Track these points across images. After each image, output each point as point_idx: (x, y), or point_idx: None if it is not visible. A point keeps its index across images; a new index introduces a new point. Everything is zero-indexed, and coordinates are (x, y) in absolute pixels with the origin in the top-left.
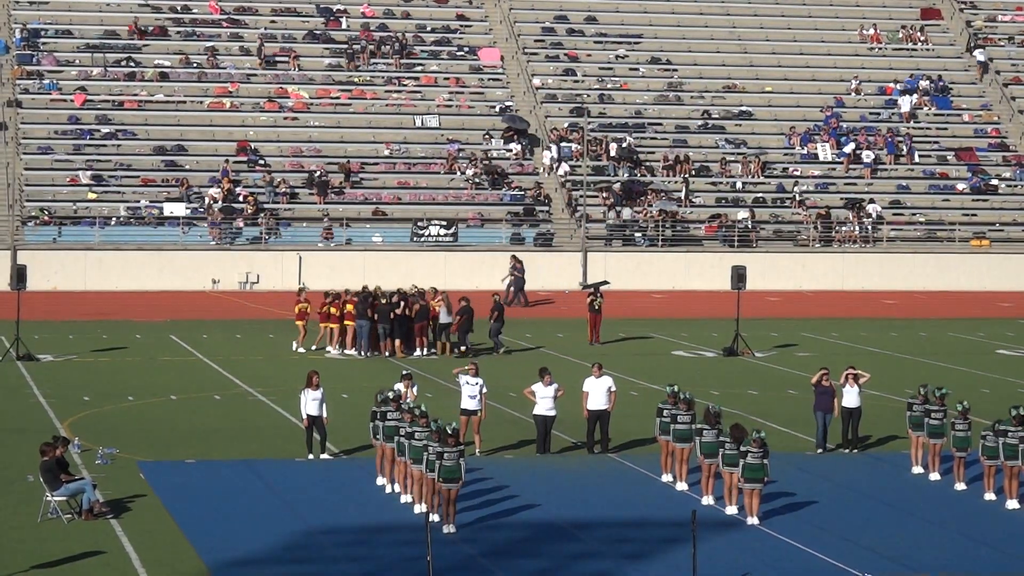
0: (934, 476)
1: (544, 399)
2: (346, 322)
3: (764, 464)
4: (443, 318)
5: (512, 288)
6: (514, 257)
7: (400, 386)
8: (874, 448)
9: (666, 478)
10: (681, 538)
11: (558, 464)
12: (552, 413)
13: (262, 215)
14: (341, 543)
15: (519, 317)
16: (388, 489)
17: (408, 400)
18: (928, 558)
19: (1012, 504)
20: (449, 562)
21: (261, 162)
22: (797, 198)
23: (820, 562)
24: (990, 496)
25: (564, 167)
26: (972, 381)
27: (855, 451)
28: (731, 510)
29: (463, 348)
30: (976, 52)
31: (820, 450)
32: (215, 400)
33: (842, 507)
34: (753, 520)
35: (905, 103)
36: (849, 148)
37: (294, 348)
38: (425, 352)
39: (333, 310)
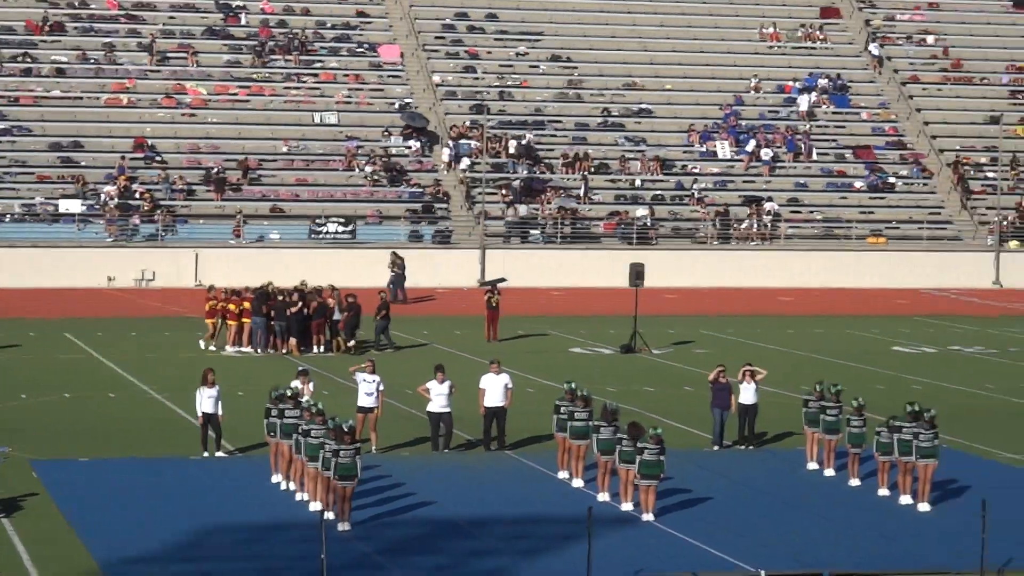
0: (829, 472)
1: (439, 396)
2: (243, 319)
3: (660, 460)
4: (338, 315)
5: (391, 285)
6: (394, 253)
7: (297, 383)
8: (770, 444)
9: (562, 475)
10: (577, 534)
11: (454, 461)
12: (446, 410)
13: (159, 212)
14: (236, 541)
15: (414, 314)
16: (283, 486)
17: (305, 396)
18: (823, 554)
19: (906, 500)
20: (344, 560)
21: (158, 159)
22: (696, 195)
23: (715, 558)
24: (884, 492)
25: (464, 162)
26: (868, 378)
27: (751, 447)
28: (627, 506)
29: (350, 344)
30: (871, 47)
31: (716, 447)
32: (110, 398)
33: (738, 503)
34: (648, 516)
35: (804, 101)
36: (749, 146)
37: (202, 347)
38: (322, 350)
39: (232, 307)
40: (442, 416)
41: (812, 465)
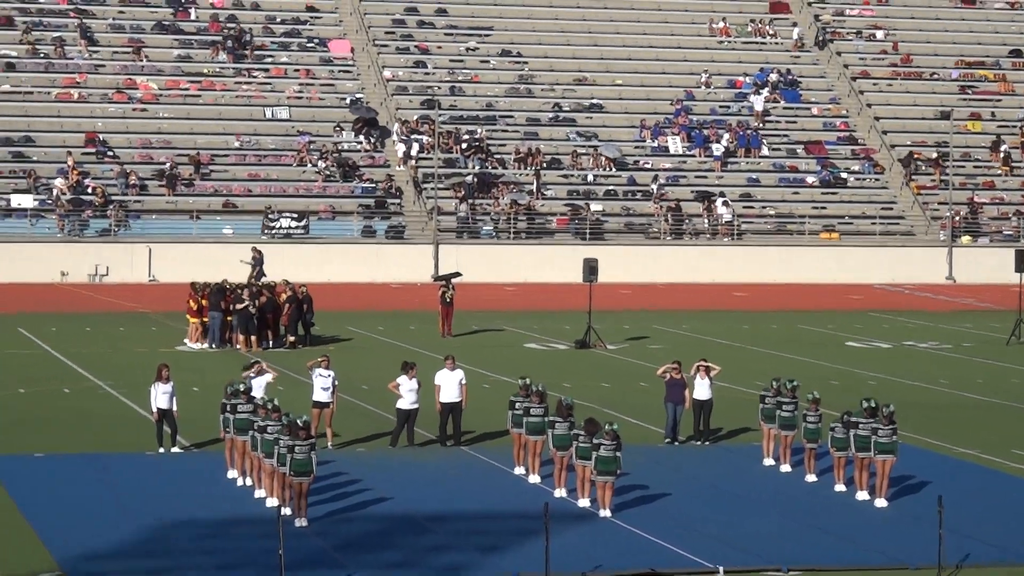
0: (785, 468)
1: (410, 392)
2: (203, 317)
3: (616, 457)
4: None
5: (252, 280)
6: (255, 249)
7: (251, 374)
8: (725, 440)
9: (519, 471)
10: (534, 530)
11: (411, 457)
12: (416, 407)
13: (111, 207)
14: (193, 536)
15: (370, 310)
16: (240, 482)
17: (266, 378)
18: (780, 550)
19: (862, 495)
20: (302, 556)
21: (110, 154)
22: (656, 191)
23: (672, 554)
24: (840, 487)
25: (414, 148)
26: (822, 373)
27: (706, 443)
28: (584, 503)
29: (292, 339)
30: (820, 41)
31: (669, 440)
32: (64, 393)
33: (694, 499)
34: (605, 512)
35: (758, 102)
36: (699, 141)
37: (188, 345)
38: (273, 344)
39: (193, 304)
40: (411, 413)
41: (768, 461)
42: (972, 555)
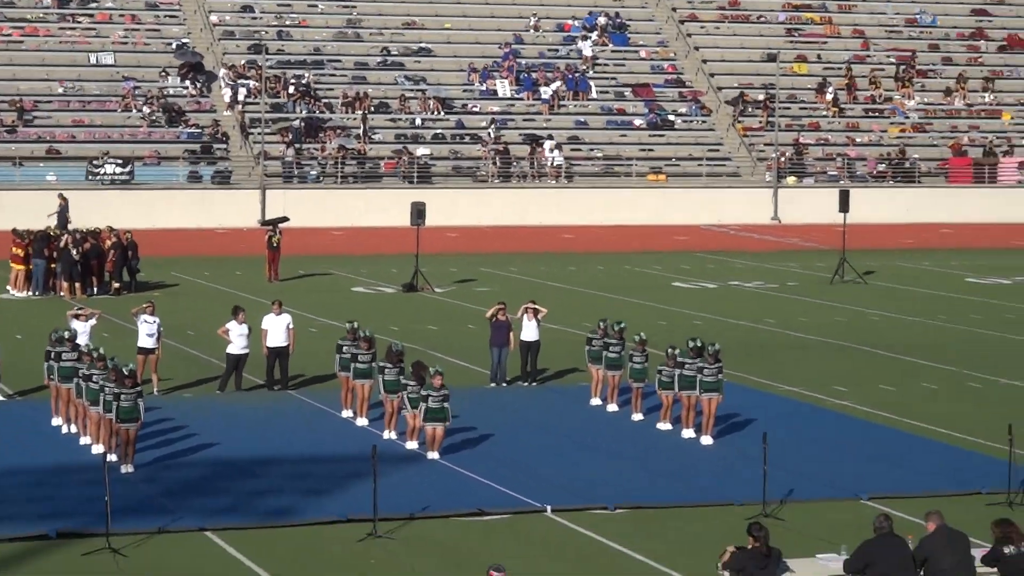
0: (612, 408)
1: (240, 337)
2: (28, 264)
3: (445, 408)
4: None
5: (57, 227)
6: (60, 195)
7: (75, 324)
8: (553, 381)
9: (346, 414)
10: (363, 473)
11: (238, 402)
12: (246, 352)
13: None
14: (19, 484)
15: (194, 255)
16: (65, 430)
17: (90, 323)
18: (607, 489)
19: (688, 433)
20: (129, 502)
21: None
22: (493, 135)
23: (500, 494)
24: (666, 426)
25: (241, 93)
26: (649, 313)
27: (534, 384)
28: (412, 445)
29: (116, 285)
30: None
31: (494, 383)
32: None
33: (522, 440)
34: (434, 455)
35: (586, 47)
36: (528, 85)
37: (11, 292)
38: (98, 291)
39: (20, 251)
40: (240, 358)
41: (595, 401)
42: (796, 490)
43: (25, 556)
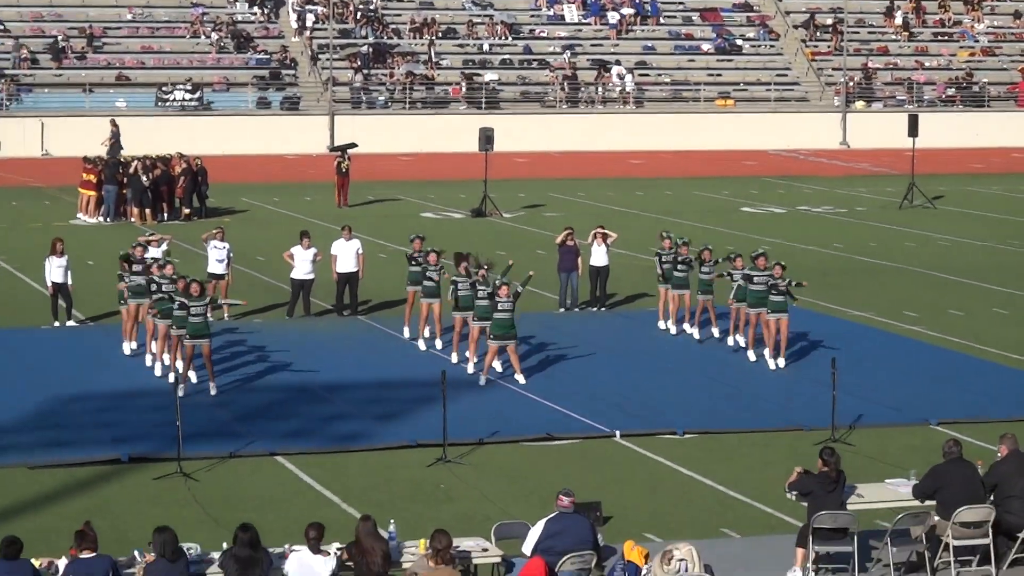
0: (683, 329)
1: (304, 262)
2: (99, 189)
3: (512, 320)
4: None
5: (109, 155)
6: (112, 121)
7: (153, 249)
8: (622, 306)
9: (406, 332)
10: (432, 398)
11: (308, 327)
12: (310, 277)
13: (2, 81)
14: (90, 410)
15: (266, 182)
16: (134, 353)
17: (161, 249)
18: (677, 415)
19: (757, 355)
20: (200, 427)
21: (1, 27)
22: (568, 59)
23: (569, 419)
24: (737, 343)
25: (309, 19)
26: (718, 239)
27: (603, 309)
28: (471, 367)
29: (187, 211)
30: None
31: (563, 308)
32: None
33: (591, 365)
34: (520, 378)
35: None
36: (595, 10)
37: (82, 218)
38: (168, 217)
39: (91, 177)
40: (305, 283)
41: (664, 324)
42: (865, 416)
43: (97, 480)
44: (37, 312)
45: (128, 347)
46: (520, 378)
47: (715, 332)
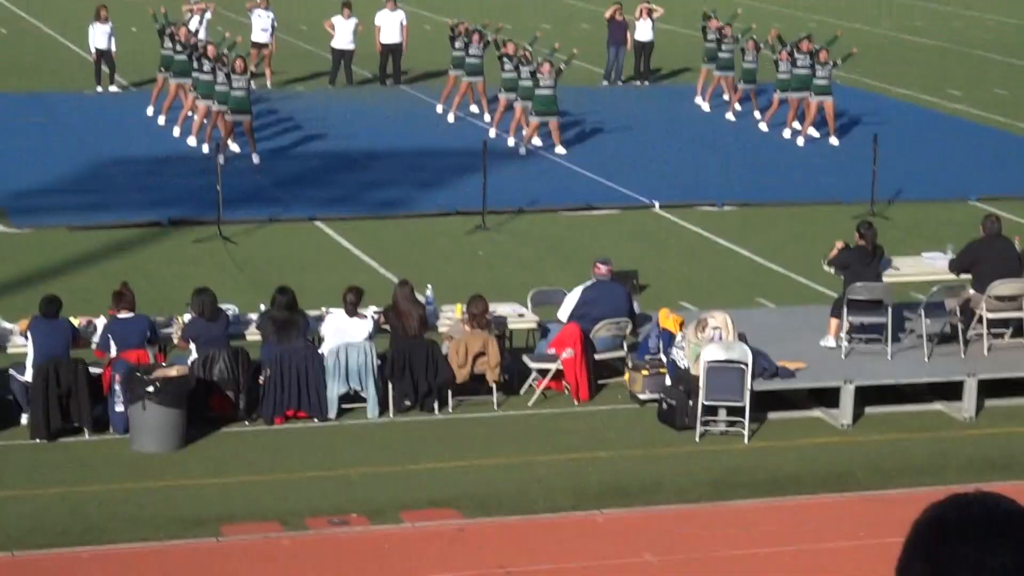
0: (722, 107)
1: (344, 32)
2: None
3: (555, 96)
4: None
5: None
6: None
7: (195, 19)
8: (665, 81)
9: (439, 108)
10: (472, 167)
11: (350, 96)
12: (351, 47)
13: None
14: (131, 173)
15: None
16: (162, 121)
17: (208, 15)
18: (716, 186)
19: (799, 132)
20: (240, 193)
21: None
22: None
23: (609, 189)
24: (786, 130)
25: None
26: (762, 16)
27: (646, 84)
28: (511, 141)
29: None
30: None
31: (606, 82)
32: (1, 34)
33: (632, 137)
34: (560, 150)
35: None
36: None
37: None
38: None
39: None
40: (345, 53)
41: (700, 100)
42: (904, 191)
43: (137, 242)
44: (80, 77)
45: (160, 117)
46: (560, 149)
47: (756, 115)
